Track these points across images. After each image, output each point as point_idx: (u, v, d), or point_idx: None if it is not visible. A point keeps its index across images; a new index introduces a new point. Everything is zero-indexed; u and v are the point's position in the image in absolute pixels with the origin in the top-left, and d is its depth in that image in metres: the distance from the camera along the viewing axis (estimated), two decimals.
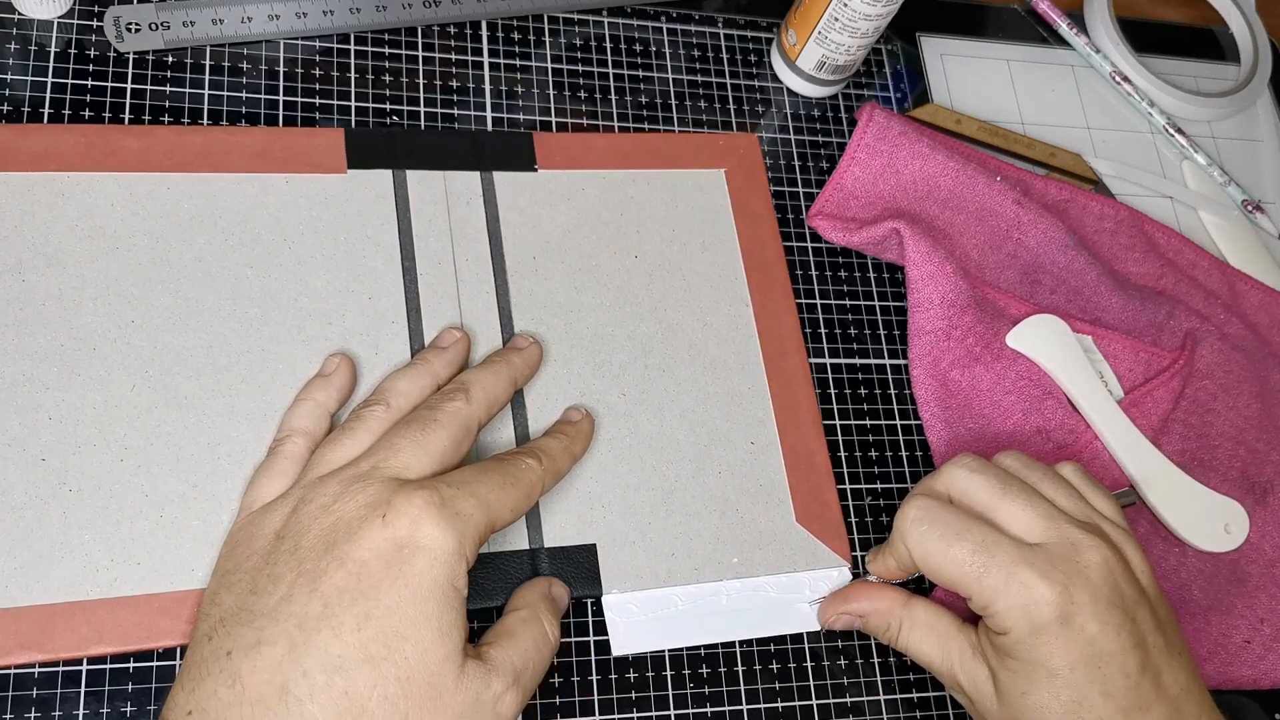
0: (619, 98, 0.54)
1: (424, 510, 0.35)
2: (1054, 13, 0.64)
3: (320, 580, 0.34)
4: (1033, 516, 0.40)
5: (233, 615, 0.35)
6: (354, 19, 0.51)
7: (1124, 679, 0.38)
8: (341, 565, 0.34)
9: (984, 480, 0.41)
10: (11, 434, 0.40)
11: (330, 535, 0.35)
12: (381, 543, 0.34)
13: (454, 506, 0.36)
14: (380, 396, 0.41)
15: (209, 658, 0.34)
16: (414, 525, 0.35)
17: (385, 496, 0.35)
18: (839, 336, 0.52)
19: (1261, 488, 0.53)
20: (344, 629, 0.33)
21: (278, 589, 0.34)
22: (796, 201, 0.54)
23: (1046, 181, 0.57)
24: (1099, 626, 0.38)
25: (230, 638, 0.34)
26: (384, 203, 0.47)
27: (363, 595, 0.34)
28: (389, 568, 0.34)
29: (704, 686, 0.43)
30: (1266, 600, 0.50)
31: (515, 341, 0.45)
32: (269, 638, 0.33)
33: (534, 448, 0.41)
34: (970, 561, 0.39)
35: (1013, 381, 0.50)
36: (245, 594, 0.35)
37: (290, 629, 0.33)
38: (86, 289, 0.42)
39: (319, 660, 0.33)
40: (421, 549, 0.35)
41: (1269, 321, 0.58)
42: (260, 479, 0.39)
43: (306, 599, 0.34)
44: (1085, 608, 0.38)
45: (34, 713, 0.37)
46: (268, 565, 0.35)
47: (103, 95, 0.47)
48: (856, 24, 0.52)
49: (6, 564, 0.38)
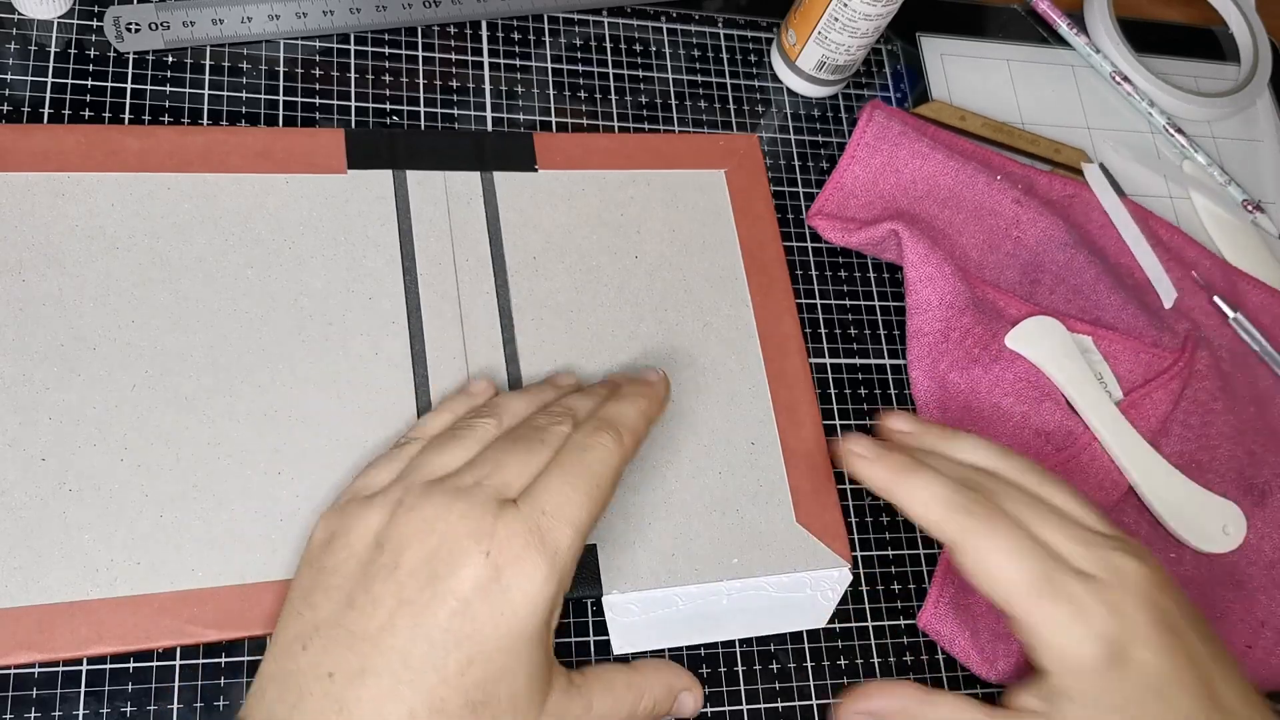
0: (619, 98, 0.54)
1: (525, 550, 0.35)
2: (1054, 13, 0.64)
3: (424, 616, 0.34)
4: (1072, 542, 0.38)
5: (329, 628, 0.34)
6: (354, 19, 0.51)
7: (1190, 700, 0.36)
8: (445, 603, 0.34)
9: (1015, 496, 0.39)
10: (11, 434, 0.40)
11: (432, 563, 0.34)
12: (485, 580, 0.34)
13: (554, 542, 0.35)
14: (493, 410, 0.41)
15: (307, 672, 0.34)
16: (516, 566, 0.34)
17: (489, 527, 0.35)
18: (839, 336, 0.52)
19: (1260, 489, 0.53)
20: (448, 672, 0.33)
21: (377, 613, 0.34)
22: (796, 201, 0.54)
23: (1050, 177, 0.57)
24: (1154, 654, 0.36)
25: (330, 656, 0.34)
26: (384, 203, 0.47)
27: (467, 639, 0.34)
28: (491, 609, 0.34)
29: (704, 686, 0.43)
30: (1266, 602, 0.50)
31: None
32: (374, 668, 0.33)
33: (613, 421, 0.39)
34: (1030, 588, 0.37)
35: (1011, 383, 0.50)
36: (342, 607, 0.34)
37: (395, 664, 0.33)
38: (87, 289, 0.42)
39: (424, 701, 0.33)
40: (525, 595, 0.34)
41: (1270, 322, 0.58)
42: (373, 470, 0.40)
43: (410, 634, 0.33)
44: (1139, 635, 0.36)
45: (34, 713, 0.37)
46: (366, 579, 0.35)
47: (103, 95, 0.47)
48: (856, 24, 0.52)
49: (6, 564, 0.38)
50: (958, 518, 0.38)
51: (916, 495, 0.40)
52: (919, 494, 0.39)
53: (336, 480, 0.42)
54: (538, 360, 0.46)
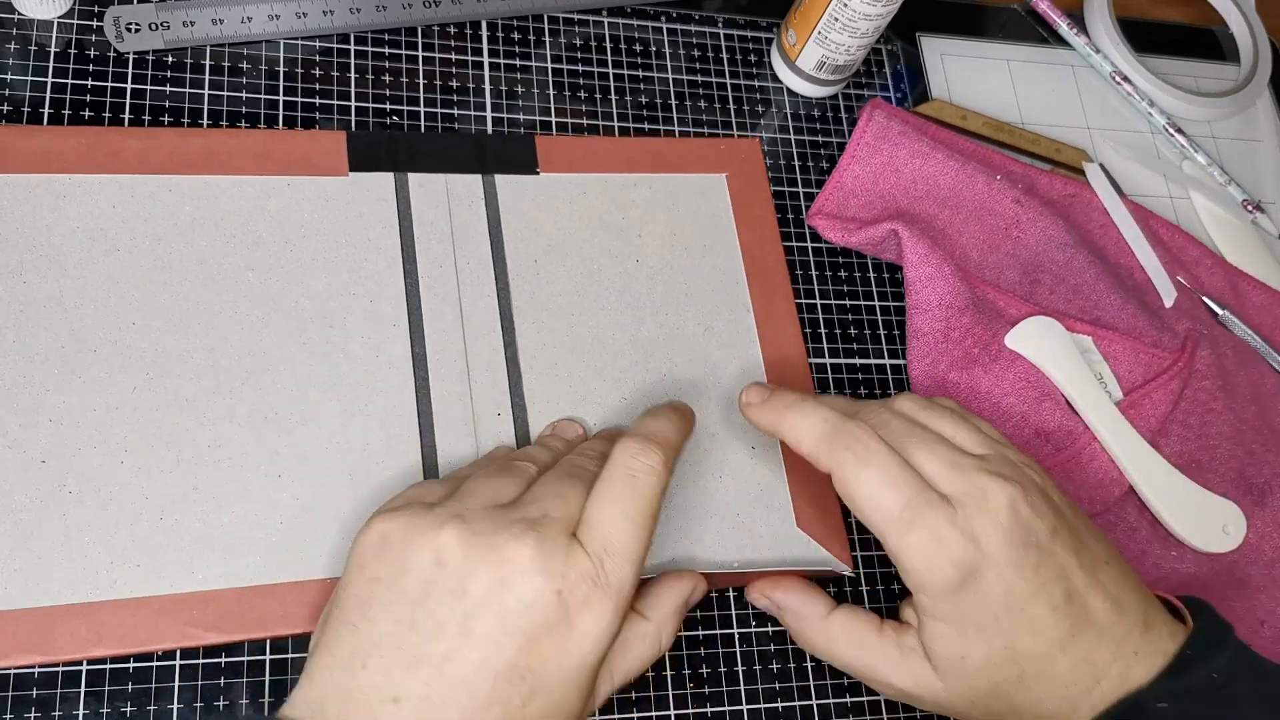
0: (619, 98, 0.54)
1: (593, 591, 0.35)
2: (1054, 13, 0.64)
3: (491, 651, 0.34)
4: (940, 465, 0.39)
5: (391, 649, 0.34)
6: (354, 19, 0.51)
7: (1050, 613, 0.38)
8: (514, 639, 0.34)
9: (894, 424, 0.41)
10: (12, 436, 0.40)
11: (501, 595, 0.35)
12: (555, 620, 0.35)
13: (618, 582, 0.36)
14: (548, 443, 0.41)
15: (369, 693, 0.34)
16: (586, 608, 0.35)
17: (559, 565, 0.35)
18: (839, 336, 0.52)
19: (1260, 489, 0.53)
20: (512, 706, 0.34)
21: (441, 639, 0.34)
22: (796, 201, 0.54)
23: (1051, 177, 0.58)
24: (1015, 571, 0.38)
25: (392, 680, 0.34)
26: (385, 205, 0.47)
27: (531, 673, 0.34)
28: (558, 649, 0.35)
29: (704, 686, 0.44)
30: (1267, 602, 0.50)
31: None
32: (440, 698, 0.33)
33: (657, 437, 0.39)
34: (899, 516, 0.38)
35: (1011, 383, 0.51)
36: (404, 627, 0.34)
37: (460, 695, 0.34)
38: (87, 291, 0.42)
39: None
40: (591, 637, 0.35)
41: (1270, 322, 0.58)
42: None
43: (478, 666, 0.34)
44: (1000, 556, 0.37)
45: (34, 713, 0.37)
46: (428, 600, 0.35)
47: (102, 95, 0.46)
48: (856, 24, 0.52)
49: (6, 565, 0.38)
50: (832, 448, 0.39)
51: (798, 427, 0.41)
52: (800, 426, 0.40)
53: (336, 483, 0.42)
54: (538, 363, 0.46)
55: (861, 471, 0.38)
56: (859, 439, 0.39)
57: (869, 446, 0.39)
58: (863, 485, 0.38)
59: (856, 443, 0.39)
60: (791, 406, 0.41)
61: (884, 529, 0.38)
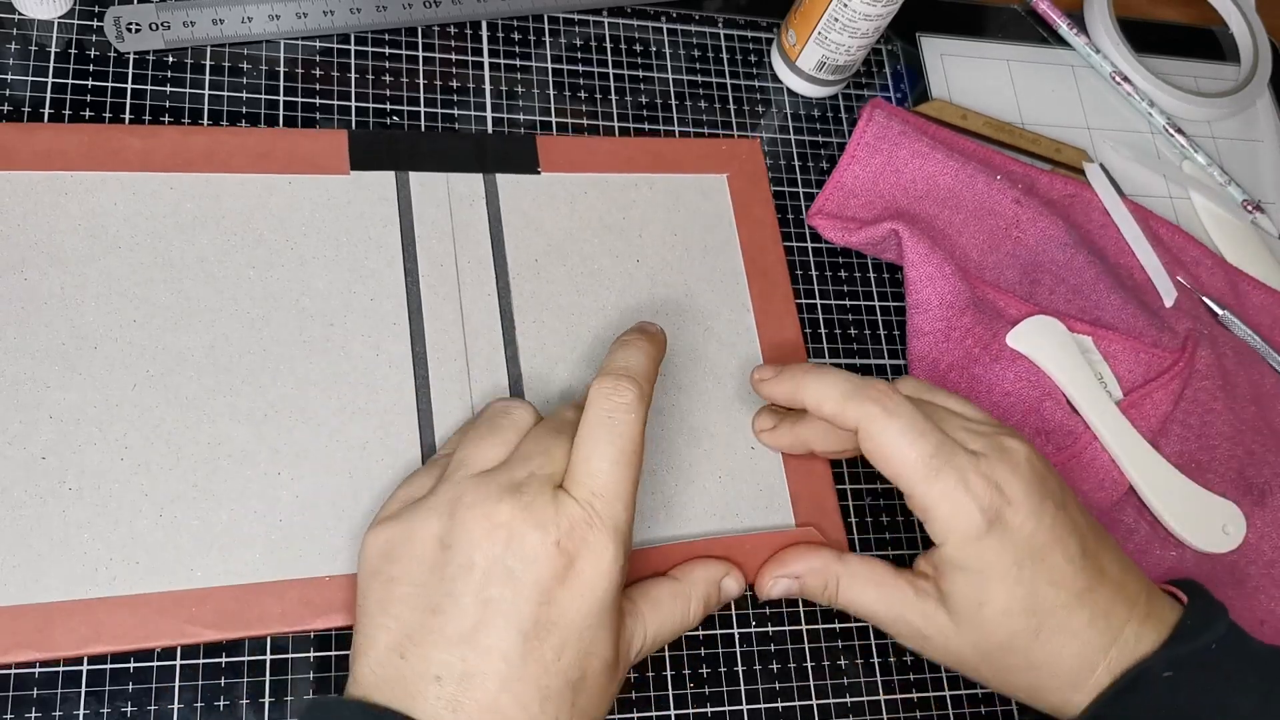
0: (619, 98, 0.54)
1: (590, 533, 0.36)
2: (1054, 13, 0.64)
3: (512, 613, 0.35)
4: (955, 429, 0.41)
5: (421, 635, 0.35)
6: (354, 19, 0.51)
7: (1068, 564, 0.39)
8: (529, 597, 0.35)
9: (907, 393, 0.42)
10: (12, 432, 0.40)
11: (506, 559, 0.35)
12: (561, 569, 0.35)
13: (613, 519, 0.37)
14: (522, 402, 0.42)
15: (411, 679, 0.35)
16: (587, 550, 0.36)
17: (552, 517, 0.36)
18: (839, 336, 0.52)
19: (1259, 489, 0.53)
20: (547, 660, 0.35)
21: (464, 615, 0.35)
22: (797, 202, 0.54)
23: (1051, 177, 0.58)
24: (1035, 520, 0.39)
25: (430, 662, 0.35)
26: (386, 204, 0.47)
27: (555, 625, 0.35)
28: (573, 594, 0.36)
29: (704, 686, 0.44)
30: (1266, 602, 0.50)
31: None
32: (477, 669, 0.34)
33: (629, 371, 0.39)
34: (927, 463, 0.39)
35: (1011, 383, 0.50)
36: (425, 612, 0.35)
37: (497, 663, 0.34)
38: (89, 288, 0.42)
39: (533, 692, 0.35)
40: (600, 574, 0.36)
41: (1270, 322, 0.58)
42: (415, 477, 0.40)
43: (503, 633, 0.35)
44: (1022, 504, 0.39)
45: (34, 713, 0.37)
46: (443, 582, 0.36)
47: (103, 95, 0.47)
48: (856, 24, 0.52)
49: (6, 562, 0.38)
50: (859, 401, 0.40)
51: (821, 389, 0.41)
52: (822, 388, 0.41)
53: (336, 481, 0.42)
54: (538, 362, 0.46)
55: (890, 423, 0.39)
56: (885, 393, 0.40)
57: (895, 398, 0.40)
58: (891, 435, 0.39)
59: (883, 396, 0.40)
60: (809, 372, 0.42)
61: (911, 478, 0.39)
